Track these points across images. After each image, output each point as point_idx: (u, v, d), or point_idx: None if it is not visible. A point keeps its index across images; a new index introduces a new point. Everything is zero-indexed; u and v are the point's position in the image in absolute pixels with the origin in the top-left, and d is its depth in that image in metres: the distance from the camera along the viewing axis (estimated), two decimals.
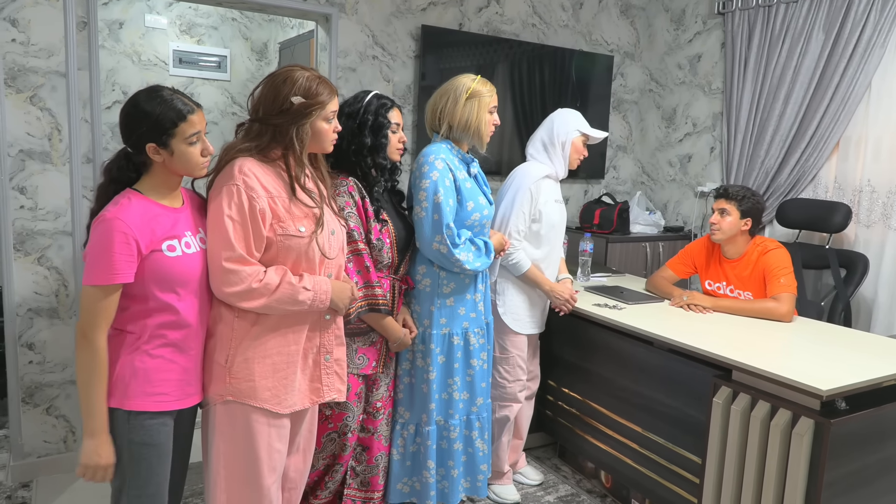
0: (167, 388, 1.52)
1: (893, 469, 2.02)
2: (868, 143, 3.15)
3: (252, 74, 4.73)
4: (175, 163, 1.51)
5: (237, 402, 1.60)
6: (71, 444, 2.74)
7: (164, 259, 1.49)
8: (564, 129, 2.54)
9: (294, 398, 1.67)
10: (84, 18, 2.60)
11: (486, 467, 2.40)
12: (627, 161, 4.41)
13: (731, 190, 2.67)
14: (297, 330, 1.67)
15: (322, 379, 1.73)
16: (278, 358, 1.64)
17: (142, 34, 4.29)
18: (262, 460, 1.63)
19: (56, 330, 2.66)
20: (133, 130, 1.48)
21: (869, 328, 3.12)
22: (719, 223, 2.65)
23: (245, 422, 1.61)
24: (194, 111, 1.51)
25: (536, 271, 2.52)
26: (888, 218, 3.08)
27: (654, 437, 2.40)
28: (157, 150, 1.49)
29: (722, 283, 2.75)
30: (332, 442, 2.11)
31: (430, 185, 2.14)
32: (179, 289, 1.52)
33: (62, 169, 2.61)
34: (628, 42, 4.23)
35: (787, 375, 1.89)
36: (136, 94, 1.51)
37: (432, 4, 3.44)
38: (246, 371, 1.60)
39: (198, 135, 1.52)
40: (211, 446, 1.64)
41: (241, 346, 1.60)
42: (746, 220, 2.63)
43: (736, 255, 2.69)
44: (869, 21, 3.05)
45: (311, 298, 1.63)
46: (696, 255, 2.86)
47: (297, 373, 1.67)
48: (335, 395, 1.77)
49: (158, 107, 1.47)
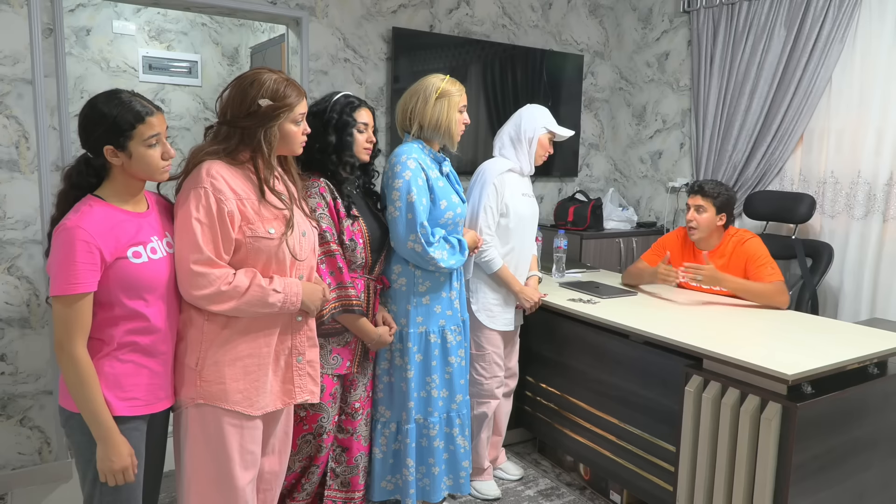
0: (138, 392, 1.52)
1: (860, 450, 2.08)
2: (830, 135, 3.23)
3: (223, 79, 4.70)
4: (134, 166, 1.50)
5: (208, 404, 1.60)
6: (46, 455, 2.70)
7: (129, 266, 1.48)
8: (532, 125, 2.57)
9: (266, 400, 1.67)
10: (50, 25, 2.57)
11: (467, 464, 2.42)
12: (600, 159, 4.47)
13: (706, 186, 2.69)
14: (267, 333, 1.67)
15: (294, 380, 1.74)
16: (249, 360, 1.64)
17: (110, 41, 4.25)
18: (235, 461, 1.63)
19: (28, 340, 2.63)
20: (90, 132, 1.47)
21: (836, 315, 3.21)
22: (696, 220, 2.68)
23: (217, 424, 1.61)
24: (153, 113, 1.50)
25: (507, 272, 2.54)
26: (851, 208, 3.17)
27: (631, 428, 2.44)
28: (115, 152, 1.48)
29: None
30: (307, 444, 2.11)
31: (403, 184, 2.16)
32: (147, 295, 1.51)
33: (31, 177, 2.57)
34: (598, 41, 4.30)
35: (755, 362, 1.93)
36: (94, 97, 1.50)
37: (402, 7, 3.46)
38: (216, 374, 1.60)
39: (157, 137, 1.51)
40: (183, 450, 1.64)
41: (212, 349, 1.60)
42: (721, 215, 2.68)
43: (710, 247, 2.74)
44: (828, 17, 3.14)
45: (282, 300, 1.63)
46: (670, 247, 2.90)
47: (268, 375, 1.67)
48: (308, 397, 1.78)
49: (116, 108, 1.46)
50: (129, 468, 1.49)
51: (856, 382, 2.03)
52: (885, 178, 3.02)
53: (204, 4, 2.98)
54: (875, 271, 3.09)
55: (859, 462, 2.09)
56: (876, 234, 3.06)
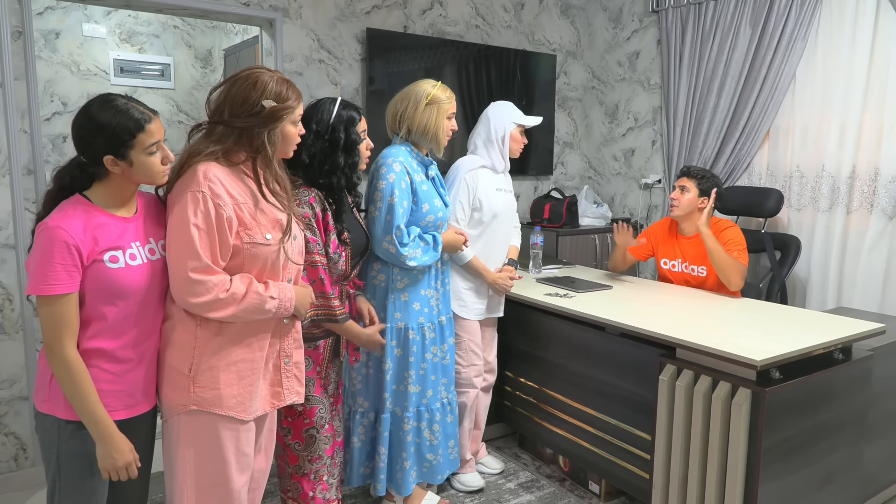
0: (106, 398, 1.49)
1: (827, 433, 2.15)
2: (795, 131, 3.33)
3: (197, 82, 4.68)
4: (135, 173, 1.48)
5: (202, 410, 1.58)
6: (22, 461, 2.67)
7: (104, 270, 1.45)
8: (501, 123, 2.62)
9: (257, 404, 1.67)
10: (19, 28, 2.55)
11: (432, 457, 2.45)
12: (574, 157, 4.53)
13: (692, 169, 2.82)
14: (261, 337, 1.66)
15: (282, 383, 1.74)
16: (243, 365, 1.63)
17: (80, 44, 4.20)
18: (231, 465, 1.62)
19: (2, 346, 2.60)
20: (89, 144, 1.43)
21: (805, 305, 3.30)
22: (678, 199, 2.80)
23: (212, 430, 1.59)
24: (152, 119, 1.47)
25: (478, 262, 2.58)
26: (816, 201, 3.26)
27: (608, 418, 2.49)
28: (116, 161, 1.44)
29: (678, 260, 2.88)
30: (312, 438, 2.10)
31: (387, 186, 2.20)
32: (119, 301, 1.48)
33: (2, 181, 2.54)
34: (570, 41, 4.36)
35: (726, 349, 1.99)
36: (88, 105, 1.45)
37: (376, 7, 3.48)
38: (211, 380, 1.58)
39: (157, 144, 1.48)
40: (175, 455, 1.61)
41: (206, 354, 1.58)
42: (703, 199, 2.77)
43: (691, 232, 2.83)
44: (791, 16, 3.24)
45: (277, 306, 1.62)
46: (655, 233, 3.00)
47: (260, 379, 1.67)
48: (295, 398, 1.78)
49: (114, 118, 1.42)
50: (131, 464, 1.49)
51: (822, 368, 2.10)
52: (847, 172, 3.12)
53: (176, 6, 2.97)
54: (840, 262, 3.19)
55: (827, 445, 2.16)
56: (840, 225, 3.16)
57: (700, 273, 2.81)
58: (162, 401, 1.62)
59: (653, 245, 3.00)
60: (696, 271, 2.82)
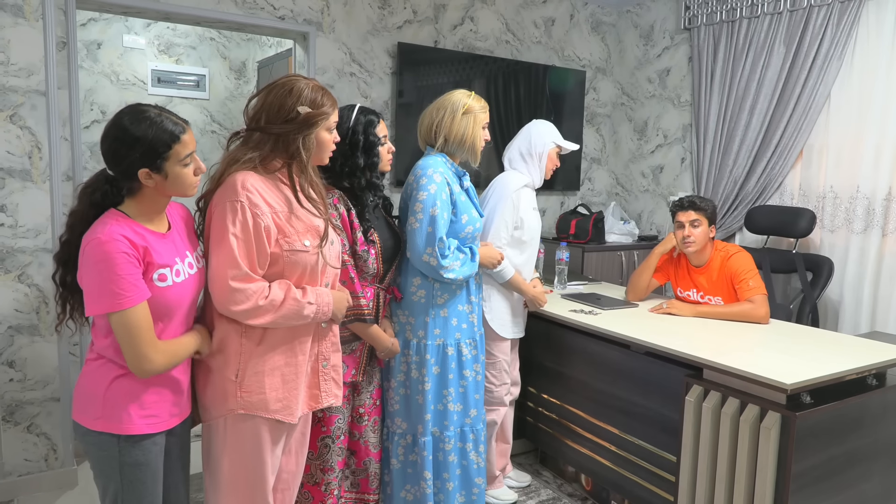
0: (156, 409, 1.51)
1: (860, 460, 2.10)
2: (829, 151, 3.28)
3: (231, 93, 4.78)
4: (168, 186, 1.47)
5: (249, 414, 1.62)
6: (52, 462, 2.73)
7: (154, 290, 1.44)
8: (541, 140, 2.62)
9: (299, 407, 1.71)
10: (63, 38, 2.64)
11: (481, 480, 2.40)
12: (602, 173, 4.52)
13: (696, 201, 2.71)
14: (302, 341, 1.70)
15: (320, 385, 1.77)
16: (287, 369, 1.66)
17: (120, 54, 4.33)
18: (268, 466, 1.67)
19: (37, 347, 2.66)
20: (123, 157, 1.41)
21: (837, 329, 3.23)
22: (693, 235, 2.68)
23: (254, 433, 1.63)
24: (185, 130, 1.46)
25: (519, 277, 2.58)
26: (850, 222, 3.20)
27: (632, 438, 2.46)
28: (150, 174, 1.43)
29: (692, 290, 2.82)
30: (327, 448, 2.12)
31: (428, 197, 2.18)
32: (167, 318, 1.49)
33: (42, 187, 2.62)
34: (600, 57, 4.36)
35: (755, 371, 1.96)
36: (119, 118, 1.42)
37: (408, 22, 3.52)
38: (257, 384, 1.62)
39: (191, 155, 1.47)
40: (217, 459, 1.66)
41: (251, 360, 1.62)
42: (712, 227, 2.72)
43: (702, 262, 2.76)
44: (826, 34, 3.20)
45: (315, 312, 1.65)
46: (666, 263, 2.92)
47: (302, 382, 1.70)
48: (333, 401, 1.80)
49: (150, 129, 1.40)
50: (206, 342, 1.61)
51: (855, 393, 2.05)
52: (883, 193, 3.06)
53: (213, 19, 3.04)
54: (875, 285, 3.12)
55: (859, 472, 2.10)
56: (875, 248, 3.09)
57: (717, 302, 2.75)
58: (205, 406, 1.66)
59: (667, 272, 2.94)
60: (712, 301, 2.75)
